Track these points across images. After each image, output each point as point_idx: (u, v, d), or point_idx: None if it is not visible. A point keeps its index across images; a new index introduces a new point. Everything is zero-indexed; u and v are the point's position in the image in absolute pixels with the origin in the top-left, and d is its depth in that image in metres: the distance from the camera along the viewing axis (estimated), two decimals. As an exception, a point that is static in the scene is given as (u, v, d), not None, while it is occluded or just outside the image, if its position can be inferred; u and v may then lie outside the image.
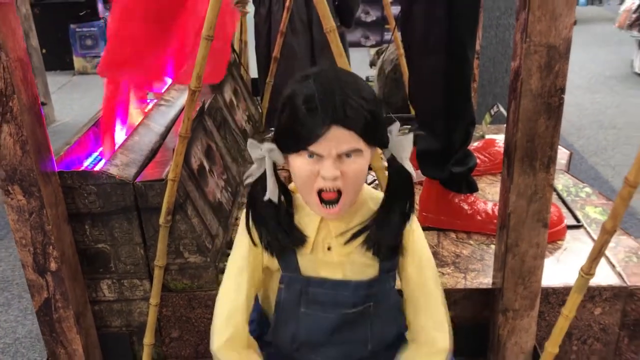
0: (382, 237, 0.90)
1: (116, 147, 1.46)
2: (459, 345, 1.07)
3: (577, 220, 1.65)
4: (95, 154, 1.54)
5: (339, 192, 0.85)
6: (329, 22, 1.19)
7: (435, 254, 1.47)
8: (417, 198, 1.64)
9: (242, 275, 0.94)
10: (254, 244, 0.94)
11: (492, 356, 1.38)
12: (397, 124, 0.89)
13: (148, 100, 1.79)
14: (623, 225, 1.70)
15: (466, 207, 1.60)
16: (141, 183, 1.29)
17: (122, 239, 1.33)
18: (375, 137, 0.85)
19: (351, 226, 0.91)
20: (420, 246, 0.96)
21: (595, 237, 1.54)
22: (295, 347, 0.96)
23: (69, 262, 1.29)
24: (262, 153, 0.88)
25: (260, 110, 2.34)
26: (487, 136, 2.12)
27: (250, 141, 0.90)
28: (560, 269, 1.44)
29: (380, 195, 0.95)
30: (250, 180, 0.93)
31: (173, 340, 1.45)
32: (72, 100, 4.08)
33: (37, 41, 3.56)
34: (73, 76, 4.73)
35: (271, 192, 0.89)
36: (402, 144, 0.88)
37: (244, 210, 0.96)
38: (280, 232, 0.91)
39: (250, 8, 2.52)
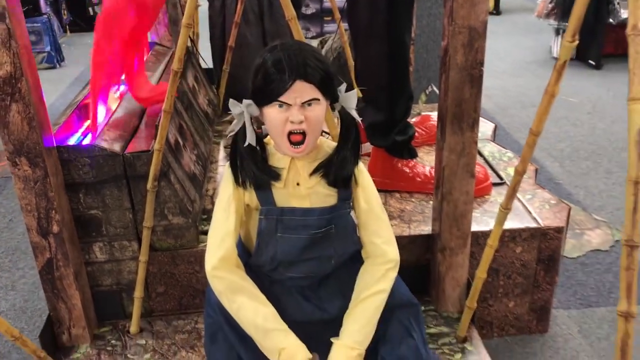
0: (338, 170, 1.15)
1: (98, 126, 1.63)
2: (406, 284, 1.32)
3: (501, 178, 1.94)
4: (78, 133, 1.71)
5: (304, 135, 1.09)
6: (290, 11, 1.41)
7: (383, 210, 1.73)
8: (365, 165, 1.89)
9: (230, 208, 1.16)
10: (237, 184, 1.17)
11: (434, 291, 1.65)
12: (344, 84, 1.14)
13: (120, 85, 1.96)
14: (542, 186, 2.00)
15: (407, 170, 1.86)
16: (130, 154, 1.48)
17: (112, 205, 1.51)
18: (329, 90, 1.10)
19: (314, 164, 1.15)
20: (368, 182, 1.21)
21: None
22: (274, 265, 1.20)
23: (68, 226, 1.46)
24: (242, 108, 1.11)
25: (218, 95, 2.54)
26: (423, 113, 2.40)
27: (231, 100, 1.14)
28: (487, 217, 1.72)
29: (332, 143, 1.20)
30: (232, 133, 1.16)
31: (159, 295, 1.64)
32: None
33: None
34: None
35: (250, 138, 1.12)
36: (349, 97, 1.14)
37: (227, 164, 1.19)
38: (258, 171, 1.14)
39: (202, 2, 2.71)
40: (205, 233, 1.64)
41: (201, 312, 1.64)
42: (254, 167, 1.15)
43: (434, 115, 2.29)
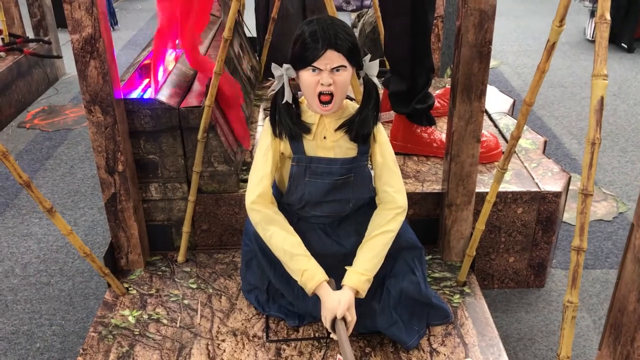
0: (360, 127, 1.38)
1: (159, 83, 1.89)
2: (417, 235, 1.55)
3: (511, 148, 2.13)
4: (138, 89, 1.97)
5: (332, 96, 1.32)
6: (326, -11, 1.63)
7: (401, 170, 1.95)
8: (388, 132, 2.11)
9: (268, 154, 1.41)
10: (275, 135, 1.41)
11: (440, 242, 1.87)
12: (368, 55, 1.36)
13: (177, 50, 2.21)
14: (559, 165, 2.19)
15: (426, 136, 2.07)
16: (184, 108, 1.73)
17: (167, 151, 1.77)
18: (355, 59, 1.33)
19: (339, 121, 1.39)
20: (384, 140, 1.44)
21: (523, 159, 2.04)
22: (302, 205, 1.45)
23: (130, 166, 1.73)
24: (282, 71, 1.35)
25: (260, 63, 2.78)
26: (447, 86, 2.59)
27: (273, 64, 1.37)
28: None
29: (357, 105, 1.43)
30: (272, 92, 1.40)
31: (203, 231, 1.91)
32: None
33: (50, 0, 3.91)
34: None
35: (287, 96, 1.36)
36: (372, 66, 1.37)
37: (267, 118, 1.43)
38: (292, 124, 1.38)
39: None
40: (245, 181, 1.90)
41: (238, 248, 1.91)
42: (289, 121, 1.39)
43: (457, 88, 2.49)
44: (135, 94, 1.92)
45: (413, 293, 1.51)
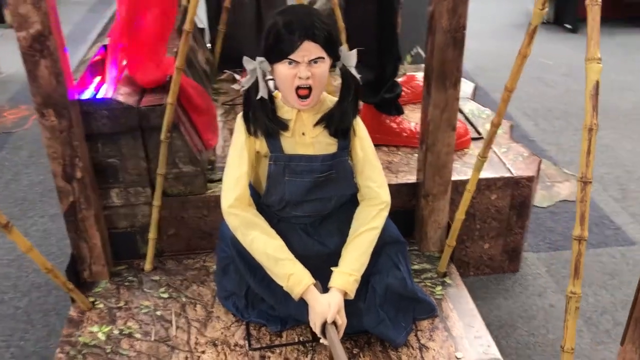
0: (339, 122, 1.32)
1: (113, 81, 1.77)
2: None
3: (479, 133, 2.12)
4: (90, 88, 1.84)
5: (310, 90, 1.24)
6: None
7: (372, 161, 1.91)
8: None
9: (243, 153, 1.32)
10: (249, 133, 1.32)
11: (417, 233, 1.83)
12: (345, 44, 1.29)
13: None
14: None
15: (395, 126, 2.03)
16: (145, 107, 1.62)
17: (128, 154, 1.66)
18: (332, 49, 1.26)
19: (318, 116, 1.32)
20: (364, 133, 1.38)
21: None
22: (283, 205, 1.37)
23: (89, 172, 1.61)
24: (255, 64, 1.26)
25: (214, 55, 2.67)
26: (409, 73, 2.55)
27: (244, 58, 1.29)
28: (466, 168, 1.91)
29: (333, 98, 1.36)
30: (245, 87, 1.31)
31: (170, 237, 1.81)
32: (9, 53, 4.17)
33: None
34: (5, 29, 4.77)
35: (262, 91, 1.28)
36: (350, 56, 1.30)
37: (240, 113, 1.35)
38: (268, 121, 1.30)
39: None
40: (211, 181, 1.81)
41: (209, 252, 1.83)
42: (265, 118, 1.31)
43: (419, 75, 2.46)
44: (87, 94, 1.79)
45: (399, 288, 1.47)
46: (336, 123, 1.33)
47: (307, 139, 1.34)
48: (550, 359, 1.70)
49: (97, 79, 1.90)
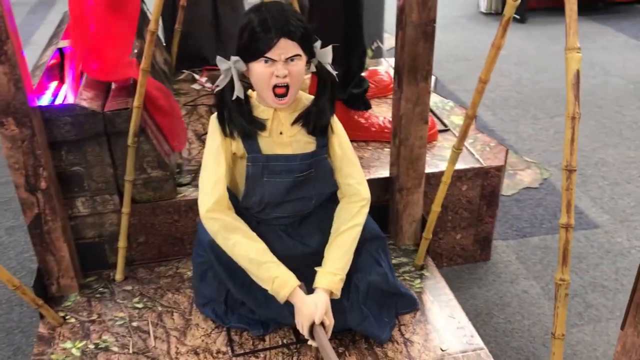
0: (317, 119, 1.30)
1: (73, 86, 1.69)
2: None
3: (445, 125, 2.13)
4: (48, 94, 1.76)
5: (287, 88, 1.22)
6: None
7: (343, 158, 1.89)
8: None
9: (219, 155, 1.29)
10: (225, 135, 1.29)
11: (392, 227, 1.83)
12: (319, 41, 1.27)
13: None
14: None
15: (363, 121, 2.02)
16: (110, 112, 1.56)
17: (94, 161, 1.59)
18: (308, 46, 1.23)
19: (295, 114, 1.29)
20: (341, 131, 1.37)
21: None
22: (262, 207, 1.34)
23: (54, 182, 1.54)
24: (229, 64, 1.23)
25: (170, 55, 2.60)
26: (371, 67, 2.55)
27: (218, 57, 1.25)
28: (436, 160, 1.92)
29: (309, 96, 1.34)
30: (219, 88, 1.27)
31: (140, 244, 1.75)
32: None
33: None
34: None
35: (238, 91, 1.24)
36: (325, 53, 1.28)
37: (214, 114, 1.31)
38: (245, 122, 1.27)
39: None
40: (180, 185, 1.76)
41: (181, 258, 1.78)
42: (241, 119, 1.27)
43: (381, 69, 2.46)
44: (45, 100, 1.71)
45: (381, 284, 1.46)
46: (314, 121, 1.31)
47: (285, 138, 1.31)
48: (527, 344, 1.73)
49: (54, 83, 1.82)
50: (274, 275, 1.27)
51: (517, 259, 2.07)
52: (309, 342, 1.30)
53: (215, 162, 1.30)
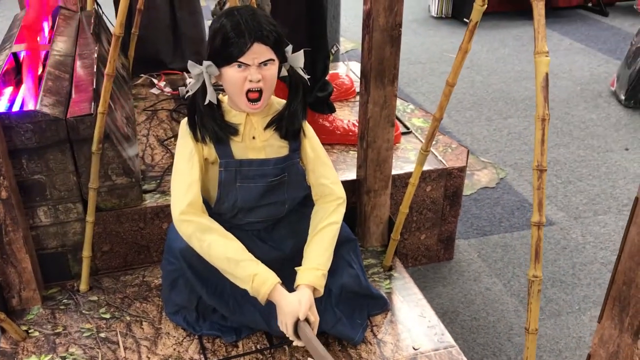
0: (289, 123, 1.30)
1: (32, 92, 1.64)
2: None
3: (407, 128, 2.17)
4: (4, 100, 1.70)
5: (260, 93, 1.22)
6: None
7: (309, 161, 1.90)
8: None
9: (192, 159, 1.27)
10: (197, 140, 1.27)
11: (360, 229, 1.85)
12: (290, 45, 1.27)
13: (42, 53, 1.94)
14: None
15: (328, 124, 2.03)
16: (73, 118, 1.52)
17: (56, 169, 1.55)
18: (281, 51, 1.24)
19: (267, 119, 1.29)
20: (312, 134, 1.38)
21: (421, 139, 2.08)
22: (235, 212, 1.34)
23: (15, 191, 1.48)
24: (201, 69, 1.22)
25: (127, 59, 2.55)
26: (331, 71, 2.56)
27: (189, 62, 1.24)
28: (400, 162, 1.94)
29: (281, 100, 1.34)
30: (190, 93, 1.26)
31: (104, 253, 1.71)
32: None
33: None
34: None
35: (211, 96, 1.23)
36: (297, 57, 1.29)
37: (184, 119, 1.30)
38: (217, 127, 1.26)
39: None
40: (147, 192, 1.73)
41: (147, 266, 1.74)
42: (213, 124, 1.26)
43: (341, 72, 2.48)
44: (1, 107, 1.65)
45: (353, 286, 1.47)
46: (287, 125, 1.31)
47: (257, 142, 1.31)
48: (493, 340, 1.78)
49: (10, 89, 1.76)
50: (253, 273, 1.25)
51: (479, 257, 2.12)
52: (295, 343, 1.28)
53: (189, 165, 1.28)
